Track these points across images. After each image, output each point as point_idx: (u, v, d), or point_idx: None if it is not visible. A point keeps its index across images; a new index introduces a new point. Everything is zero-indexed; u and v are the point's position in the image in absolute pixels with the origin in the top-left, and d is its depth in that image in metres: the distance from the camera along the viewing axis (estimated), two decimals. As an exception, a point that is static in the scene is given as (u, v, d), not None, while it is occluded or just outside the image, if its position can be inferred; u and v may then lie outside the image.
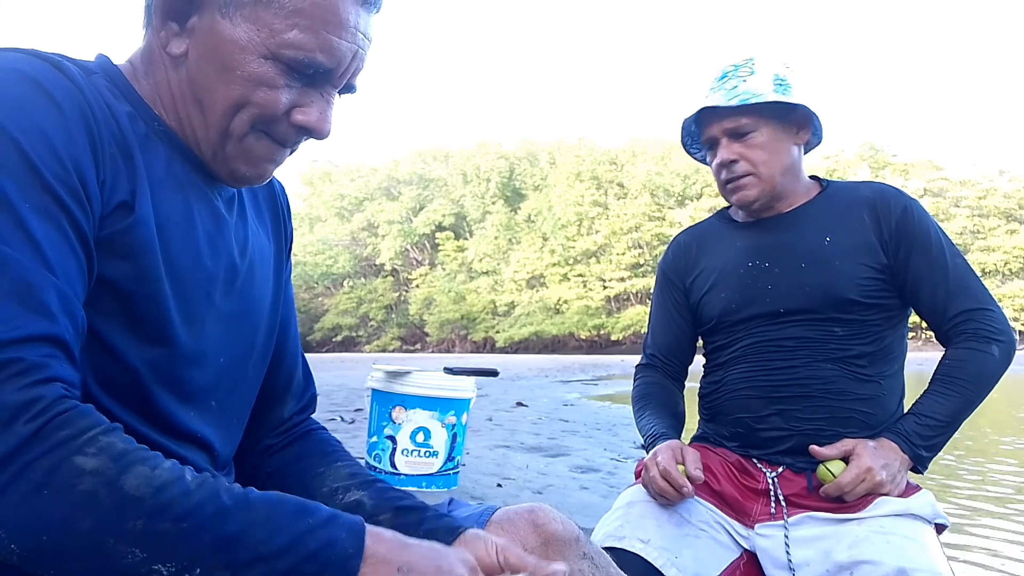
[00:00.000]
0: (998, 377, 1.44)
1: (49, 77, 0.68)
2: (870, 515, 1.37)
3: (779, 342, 1.50)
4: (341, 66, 0.78)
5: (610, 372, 20.16)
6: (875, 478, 1.37)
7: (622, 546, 1.37)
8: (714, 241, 1.67)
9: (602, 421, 7.14)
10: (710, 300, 1.62)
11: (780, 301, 1.50)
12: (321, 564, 0.62)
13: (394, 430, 2.07)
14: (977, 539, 3.11)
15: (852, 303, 1.45)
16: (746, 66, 1.52)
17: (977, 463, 5.16)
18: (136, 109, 0.78)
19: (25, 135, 0.64)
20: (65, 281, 0.64)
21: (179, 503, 0.58)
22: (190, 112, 0.79)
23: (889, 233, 1.48)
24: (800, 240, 1.52)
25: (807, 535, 1.41)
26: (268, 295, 0.93)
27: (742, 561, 1.46)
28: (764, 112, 1.49)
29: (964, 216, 50.73)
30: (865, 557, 1.31)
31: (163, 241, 0.75)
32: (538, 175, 64.00)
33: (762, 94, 1.47)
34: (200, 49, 0.76)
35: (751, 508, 1.48)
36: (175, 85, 0.79)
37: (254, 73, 0.75)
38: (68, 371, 0.62)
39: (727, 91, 1.50)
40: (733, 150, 1.51)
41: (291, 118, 0.79)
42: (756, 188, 1.52)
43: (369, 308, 65.78)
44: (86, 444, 0.57)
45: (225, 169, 0.81)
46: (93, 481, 0.56)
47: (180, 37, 0.78)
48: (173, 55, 0.78)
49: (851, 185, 1.59)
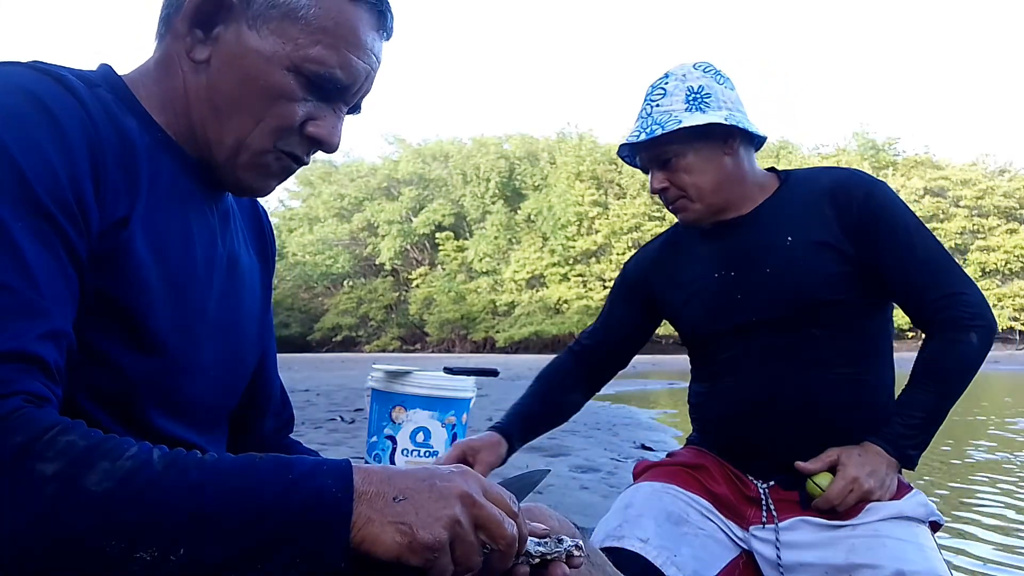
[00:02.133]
0: (979, 364, 1.41)
1: (51, 92, 0.69)
2: (863, 521, 1.37)
3: (757, 353, 1.46)
4: (355, 84, 0.82)
5: (610, 372, 20.08)
6: (863, 487, 1.35)
7: (621, 545, 1.37)
8: (679, 253, 1.63)
9: (602, 421, 7.14)
10: (685, 315, 1.59)
11: (752, 311, 1.46)
12: (312, 515, 0.61)
13: (394, 430, 2.07)
14: (973, 538, 3.11)
15: (824, 302, 1.41)
16: (659, 87, 1.48)
17: (973, 462, 5.16)
18: (141, 122, 0.79)
19: (23, 152, 0.64)
20: (51, 300, 0.63)
21: (146, 490, 0.58)
22: (205, 118, 0.81)
23: (853, 222, 1.42)
24: (761, 244, 1.48)
25: (802, 539, 1.41)
26: (256, 311, 0.96)
27: (741, 560, 1.47)
28: (680, 136, 1.44)
29: (964, 216, 50.69)
30: (862, 561, 1.31)
31: (161, 255, 0.76)
32: (538, 175, 63.94)
33: (672, 117, 1.43)
34: (224, 57, 0.79)
35: (746, 512, 1.49)
36: (192, 91, 0.81)
37: (276, 84, 0.78)
38: (38, 386, 0.61)
39: (643, 119, 1.48)
40: (661, 178, 1.49)
41: (304, 130, 0.82)
42: (693, 211, 1.50)
43: (369, 308, 65.72)
44: (44, 448, 0.56)
45: (233, 178, 0.84)
46: (55, 486, 0.56)
47: (204, 44, 0.80)
48: (196, 61, 0.80)
49: (811, 175, 1.53)
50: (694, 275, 1.56)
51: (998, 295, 47.21)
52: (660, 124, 1.43)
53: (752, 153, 1.54)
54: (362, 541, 0.62)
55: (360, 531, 0.62)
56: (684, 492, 1.50)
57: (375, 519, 0.62)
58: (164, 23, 0.82)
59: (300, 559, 0.60)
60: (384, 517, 0.62)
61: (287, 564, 0.60)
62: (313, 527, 0.60)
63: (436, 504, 0.64)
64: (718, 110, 1.44)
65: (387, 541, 0.62)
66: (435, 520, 0.63)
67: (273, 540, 0.60)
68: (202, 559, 0.58)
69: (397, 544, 0.62)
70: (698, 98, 1.44)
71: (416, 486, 0.64)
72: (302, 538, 0.60)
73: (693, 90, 1.44)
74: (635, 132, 1.48)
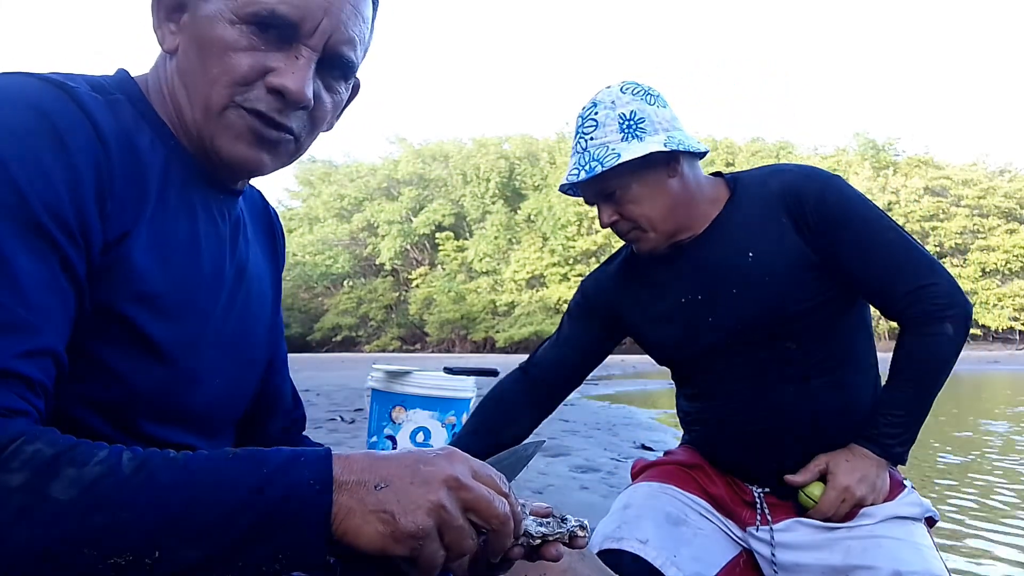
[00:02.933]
0: (957, 351, 1.37)
1: (57, 106, 0.68)
2: (859, 523, 1.37)
3: (733, 373, 1.44)
4: (308, 21, 0.76)
5: (610, 372, 20.14)
6: (855, 495, 1.35)
7: (621, 547, 1.37)
8: (645, 277, 1.54)
9: (602, 421, 7.14)
10: (655, 341, 1.54)
11: (725, 332, 1.42)
12: (288, 510, 0.59)
13: (394, 430, 2.07)
14: (971, 534, 3.11)
15: (794, 315, 1.37)
16: (589, 118, 1.41)
17: (972, 460, 5.16)
18: (155, 131, 0.79)
19: (22, 166, 0.64)
20: (41, 317, 0.63)
21: (113, 496, 0.57)
22: (180, 101, 0.80)
23: (810, 227, 1.37)
24: (723, 264, 1.42)
25: (799, 541, 1.41)
26: (266, 317, 0.95)
27: (741, 559, 1.47)
28: (621, 170, 1.37)
29: (964, 216, 50.66)
30: (859, 562, 1.31)
31: (166, 266, 0.76)
32: (538, 175, 63.92)
33: (610, 151, 1.36)
34: (187, 38, 0.79)
35: (742, 513, 1.49)
36: (171, 80, 0.81)
37: (221, 39, 0.76)
38: (12, 400, 0.60)
39: (579, 155, 1.42)
40: (610, 212, 1.43)
41: (265, 82, 0.77)
42: (648, 240, 1.44)
43: (369, 308, 65.71)
44: (9, 459, 0.56)
45: (214, 151, 0.80)
46: (21, 497, 0.55)
47: (175, 34, 0.81)
48: (168, 51, 0.81)
49: (759, 179, 1.46)
50: (660, 301, 1.50)
51: (998, 295, 47.17)
52: (599, 160, 1.37)
53: (697, 166, 1.47)
54: (345, 533, 0.60)
55: (342, 523, 0.60)
56: (682, 492, 1.50)
57: (356, 509, 0.60)
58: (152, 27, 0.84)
59: (282, 555, 0.59)
60: (365, 507, 0.61)
61: (268, 560, 0.59)
62: (290, 522, 0.59)
63: (419, 490, 0.62)
64: (655, 134, 1.37)
65: (369, 532, 0.60)
66: (417, 507, 0.61)
67: (249, 537, 0.58)
68: (178, 560, 0.57)
69: (379, 534, 0.60)
70: (632, 125, 1.37)
71: (398, 472, 0.62)
72: (279, 534, 0.59)
73: (625, 117, 1.38)
74: (574, 171, 1.42)
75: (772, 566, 1.41)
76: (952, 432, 6.83)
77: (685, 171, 1.43)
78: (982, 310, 45.52)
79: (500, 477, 0.67)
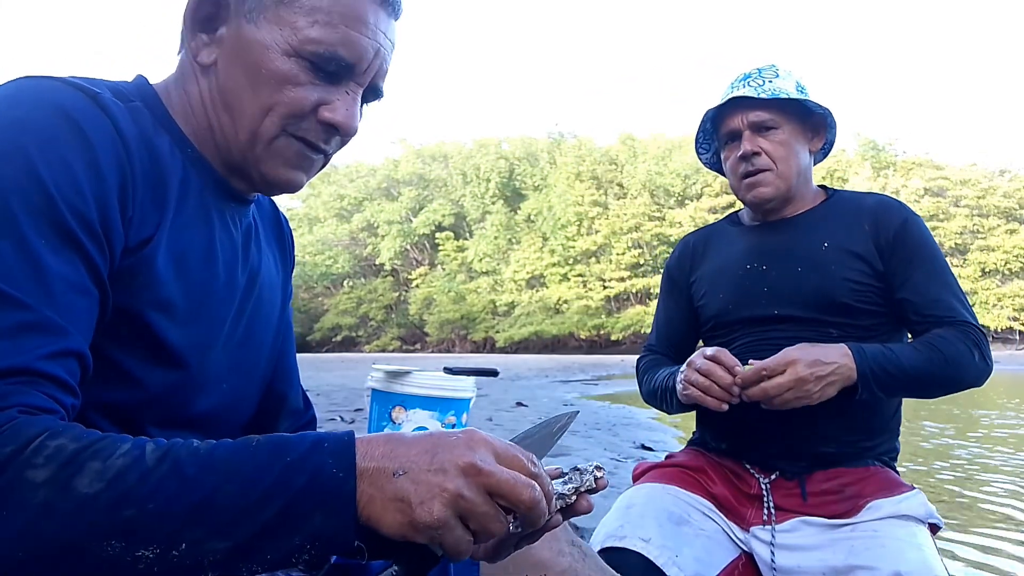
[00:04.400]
0: (965, 380, 1.41)
1: (83, 110, 0.69)
2: (863, 520, 1.37)
3: (774, 344, 1.47)
4: (363, 62, 0.80)
5: (610, 372, 20.16)
6: (797, 372, 1.30)
7: (623, 545, 1.37)
8: (718, 243, 1.68)
9: (602, 421, 7.14)
10: (708, 301, 1.63)
11: (775, 304, 1.51)
12: (313, 498, 0.59)
13: (394, 430, 2.07)
14: (972, 538, 3.11)
15: (845, 307, 1.46)
16: (770, 70, 1.56)
17: (972, 462, 5.16)
18: (173, 138, 0.80)
19: (50, 169, 0.64)
20: (68, 319, 0.63)
21: (138, 488, 0.57)
22: (221, 119, 0.81)
23: (887, 241, 1.48)
24: (798, 244, 1.53)
25: (801, 541, 1.41)
26: (273, 322, 0.97)
27: (740, 562, 1.47)
28: (789, 111, 1.52)
29: (964, 216, 50.68)
30: (861, 562, 1.31)
31: (183, 272, 0.76)
32: (538, 175, 63.96)
33: (790, 93, 1.51)
34: (228, 55, 0.79)
35: (746, 512, 1.49)
36: (206, 94, 0.82)
37: (279, 71, 0.77)
38: (40, 399, 0.60)
39: (755, 87, 1.52)
40: (755, 143, 1.53)
41: (318, 116, 0.80)
42: (772, 186, 1.54)
43: (369, 308, 65.79)
44: (33, 455, 0.56)
45: (257, 174, 0.83)
46: (46, 492, 0.55)
47: (209, 47, 0.81)
48: (203, 64, 0.81)
49: (857, 195, 1.61)
50: (726, 262, 1.62)
51: (998, 295, 47.19)
52: (784, 91, 1.51)
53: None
54: (368, 519, 0.60)
55: (365, 509, 0.60)
56: (685, 492, 1.50)
57: (376, 497, 0.60)
58: (181, 35, 0.84)
59: (309, 543, 0.59)
60: (384, 495, 0.60)
61: (297, 550, 0.59)
62: (315, 509, 0.59)
63: (435, 478, 0.61)
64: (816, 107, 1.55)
65: (389, 520, 0.60)
66: (433, 497, 0.60)
67: (275, 526, 0.58)
68: (205, 552, 0.57)
69: (399, 523, 0.60)
70: (804, 91, 1.54)
71: (417, 459, 0.62)
72: (306, 521, 0.59)
73: (800, 85, 1.56)
74: (749, 90, 1.52)
75: (771, 569, 1.41)
76: (952, 433, 6.83)
77: (811, 157, 1.60)
78: (982, 310, 45.52)
79: (527, 456, 0.66)
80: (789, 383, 1.31)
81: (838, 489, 1.44)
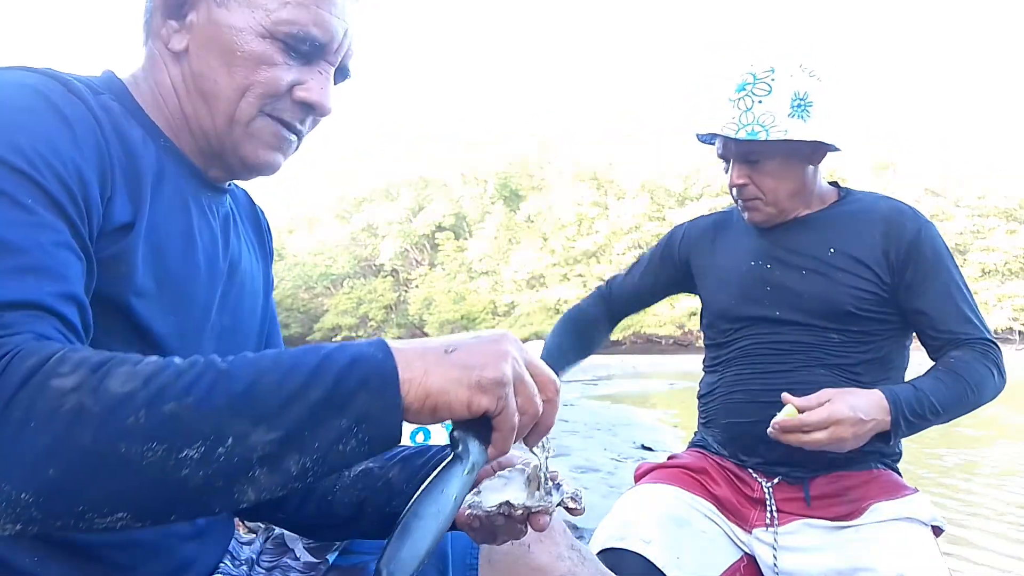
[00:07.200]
0: (985, 400, 1.40)
1: (62, 96, 0.70)
2: (866, 522, 1.36)
3: (774, 345, 1.48)
4: (334, 40, 0.82)
5: (610, 372, 20.14)
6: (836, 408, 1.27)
7: (624, 546, 1.36)
8: (728, 235, 1.66)
9: (602, 421, 7.13)
10: (713, 295, 1.62)
11: (777, 306, 1.49)
12: (356, 376, 0.58)
13: (394, 431, 2.06)
14: (974, 542, 3.10)
15: (848, 315, 1.43)
16: (764, 81, 1.44)
17: (972, 465, 5.15)
18: (146, 129, 0.80)
19: (31, 138, 0.65)
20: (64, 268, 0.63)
21: (174, 384, 0.55)
22: (196, 106, 0.82)
23: (898, 252, 1.44)
24: (805, 247, 1.50)
25: (803, 543, 1.40)
26: (257, 311, 0.97)
27: (742, 563, 1.46)
28: (776, 143, 1.43)
29: (964, 216, 50.66)
30: (863, 564, 1.30)
31: (164, 259, 0.77)
32: (538, 175, 64.00)
33: (776, 123, 1.40)
34: (200, 40, 0.80)
35: (748, 514, 1.48)
36: (178, 82, 0.82)
37: (254, 52, 0.78)
38: (50, 331, 0.59)
39: (741, 112, 1.43)
40: (742, 174, 1.48)
41: (293, 95, 0.82)
42: (763, 212, 1.51)
43: (369, 308, 65.79)
44: (57, 365, 0.54)
45: (236, 158, 0.84)
46: (77, 396, 0.52)
47: (180, 33, 0.81)
48: (175, 51, 0.81)
49: (871, 198, 1.56)
50: (732, 258, 1.60)
51: (998, 295, 47.15)
52: (764, 127, 1.41)
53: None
54: (427, 395, 0.60)
55: (421, 385, 0.60)
56: (687, 494, 1.49)
57: (433, 370, 0.61)
58: (145, 26, 0.84)
59: (356, 425, 0.58)
60: (442, 367, 0.61)
61: (345, 435, 0.58)
62: (360, 388, 0.58)
63: (489, 347, 0.64)
64: (819, 120, 1.43)
65: (452, 388, 0.61)
66: (497, 357, 0.63)
67: (320, 409, 0.57)
68: (252, 446, 0.55)
69: (465, 387, 0.61)
70: (801, 104, 1.42)
71: (460, 339, 0.64)
72: (351, 400, 0.58)
73: (799, 95, 1.42)
74: (731, 125, 1.44)
75: (773, 571, 1.40)
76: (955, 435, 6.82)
77: (815, 168, 1.52)
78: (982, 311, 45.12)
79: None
80: (827, 441, 1.28)
81: (841, 492, 1.43)
